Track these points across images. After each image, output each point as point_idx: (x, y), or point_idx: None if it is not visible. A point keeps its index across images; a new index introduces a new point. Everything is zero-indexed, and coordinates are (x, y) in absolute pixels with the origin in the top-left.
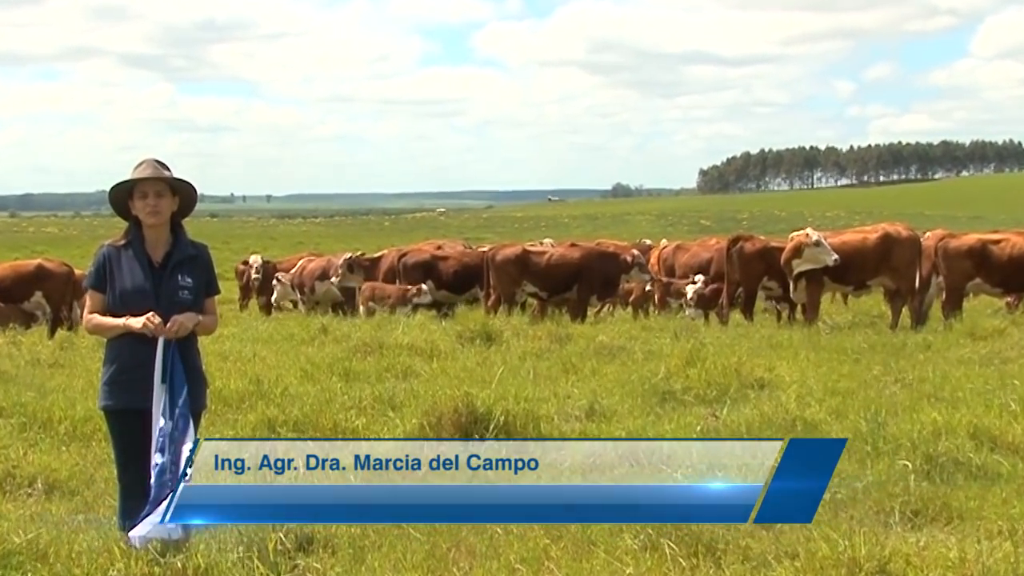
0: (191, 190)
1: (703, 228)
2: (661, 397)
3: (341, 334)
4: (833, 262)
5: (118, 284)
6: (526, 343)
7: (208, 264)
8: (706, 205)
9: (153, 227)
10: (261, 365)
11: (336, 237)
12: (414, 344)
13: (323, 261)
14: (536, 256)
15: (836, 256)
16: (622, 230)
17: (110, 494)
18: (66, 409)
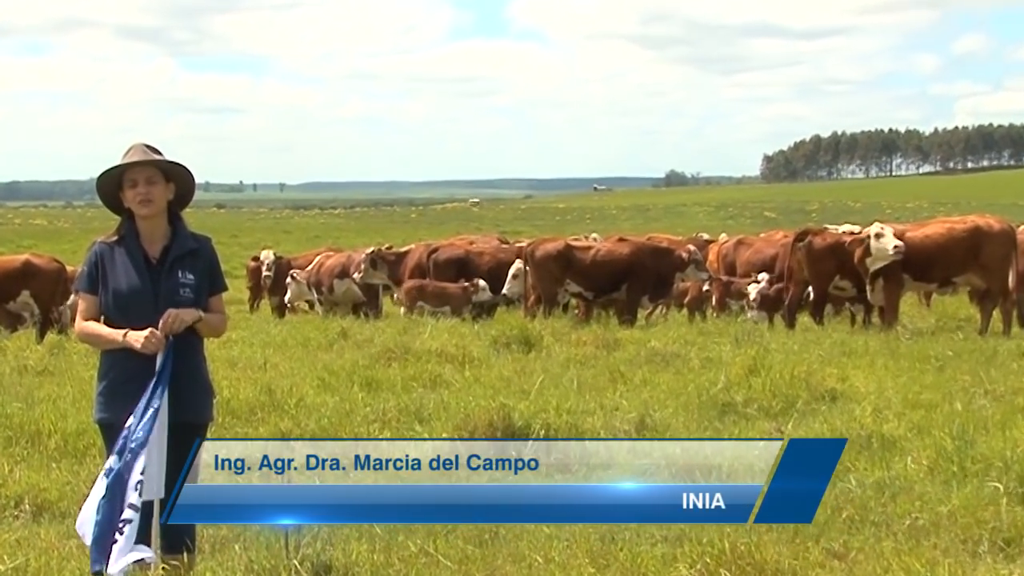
0: (187, 175)
1: (767, 221)
2: (720, 410)
3: (362, 339)
4: (894, 251)
5: (112, 285)
6: (569, 349)
7: (212, 258)
8: (771, 195)
9: (147, 219)
10: (274, 373)
11: (357, 230)
12: (444, 350)
13: (342, 257)
14: (580, 252)
15: (899, 244)
16: (676, 223)
17: None
18: (56, 422)
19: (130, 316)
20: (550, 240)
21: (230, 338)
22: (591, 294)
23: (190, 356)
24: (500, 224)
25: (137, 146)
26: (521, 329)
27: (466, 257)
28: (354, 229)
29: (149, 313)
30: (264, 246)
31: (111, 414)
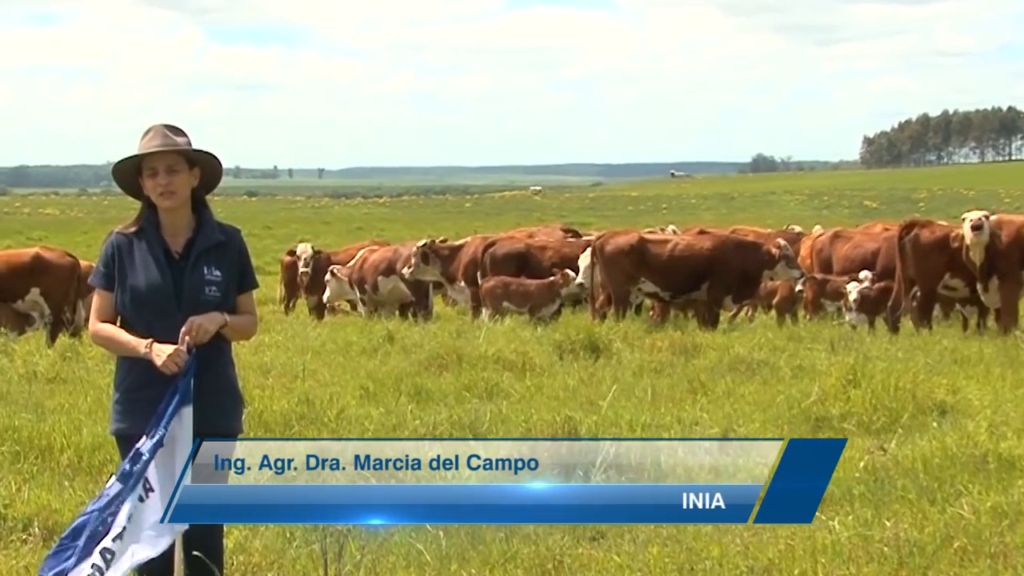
0: (213, 161)
1: (868, 211)
2: (814, 425)
3: (411, 343)
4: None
5: (129, 281)
6: (642, 355)
7: (241, 252)
8: (872, 182)
9: (170, 211)
10: (312, 381)
11: (405, 222)
12: (501, 356)
13: (388, 251)
14: (656, 246)
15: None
16: (765, 213)
17: None
18: (69, 435)
19: (149, 316)
20: (622, 233)
21: (262, 342)
22: (667, 294)
23: (216, 361)
24: (565, 214)
25: (157, 128)
26: (588, 333)
27: (526, 252)
28: (401, 220)
29: (170, 313)
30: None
31: (129, 424)
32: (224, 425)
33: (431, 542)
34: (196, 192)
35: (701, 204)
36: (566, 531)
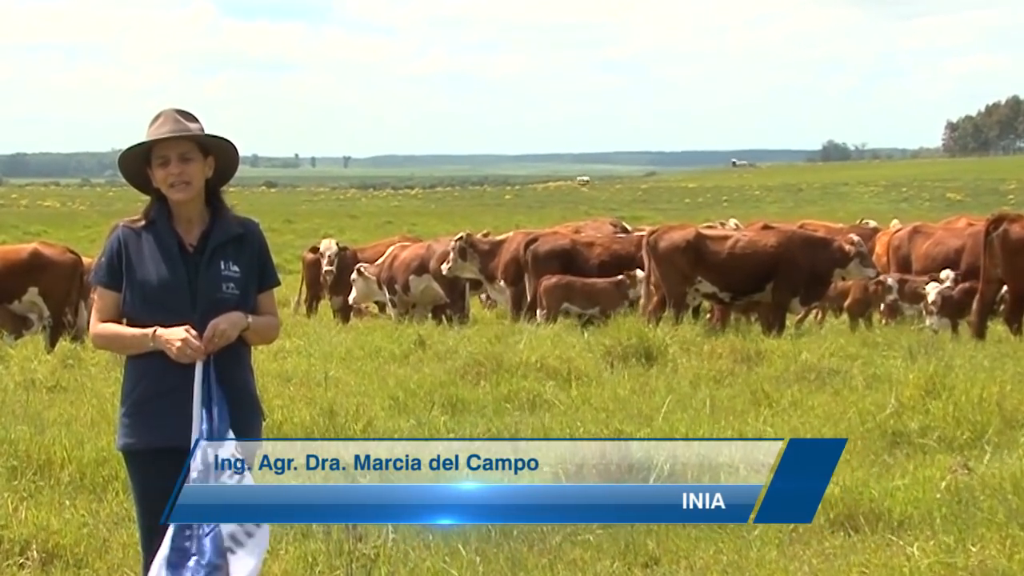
0: (229, 149)
1: (951, 204)
2: (890, 440)
3: (445, 349)
4: None
5: (138, 278)
6: (700, 363)
7: (261, 246)
8: (956, 171)
9: (183, 203)
10: (336, 390)
11: (438, 215)
12: (545, 363)
13: (420, 248)
14: (715, 242)
15: None
16: (836, 207)
17: (130, 566)
18: (71, 449)
19: (161, 317)
20: (678, 228)
21: (282, 347)
22: (728, 295)
23: (234, 367)
24: (615, 208)
25: (168, 113)
26: (640, 338)
27: (572, 249)
28: (435, 213)
29: (184, 312)
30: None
31: (138, 439)
32: (248, 436)
33: (467, 569)
34: (210, 183)
35: (765, 196)
36: (616, 556)
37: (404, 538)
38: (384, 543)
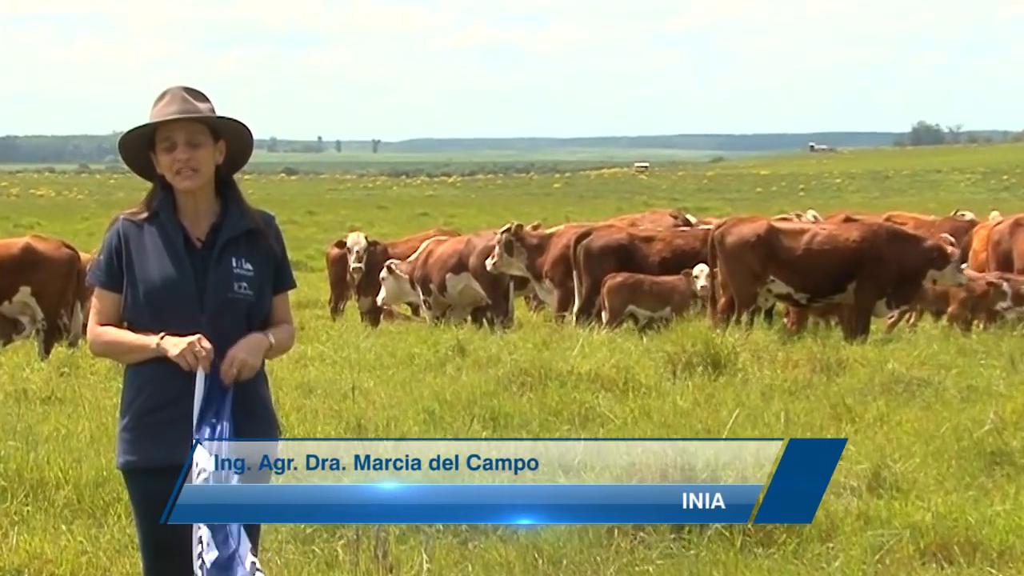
0: (242, 132)
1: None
2: (988, 460)
3: (486, 356)
4: None
5: (140, 276)
6: (774, 372)
7: (277, 242)
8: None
9: (190, 192)
10: (364, 403)
11: (479, 205)
12: (599, 372)
13: (459, 243)
14: (790, 237)
15: None
16: (927, 196)
17: None
18: (68, 468)
19: (166, 319)
20: (748, 220)
21: (303, 354)
22: (804, 296)
23: (248, 381)
24: (677, 197)
25: (175, 92)
26: (707, 344)
27: (629, 244)
28: (474, 204)
29: (191, 315)
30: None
31: (139, 455)
32: None
33: None
34: (221, 170)
35: (847, 184)
36: None
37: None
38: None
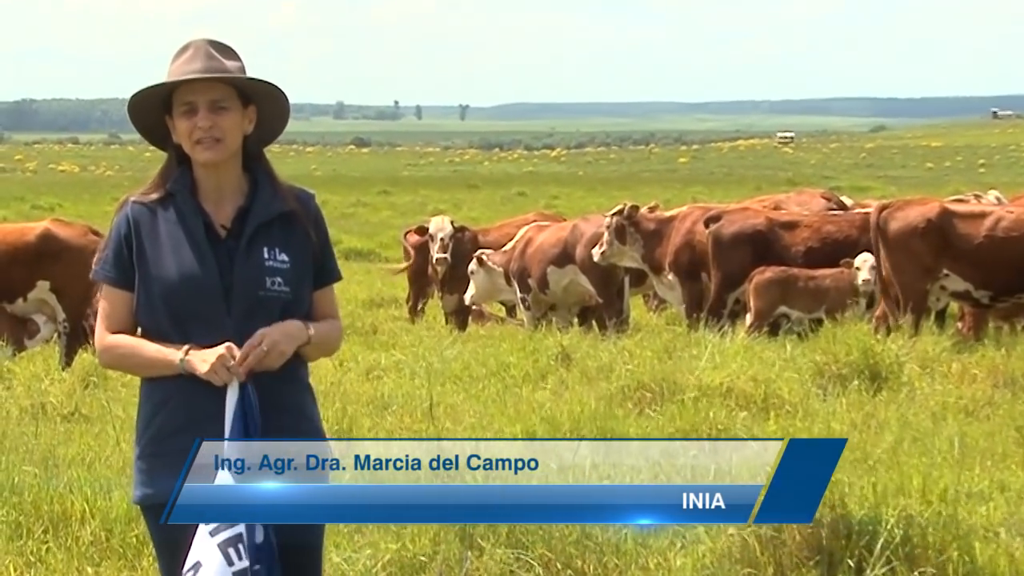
0: (276, 96)
1: None
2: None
3: (597, 366)
4: None
5: (154, 273)
6: (946, 387)
7: (318, 228)
8: None
9: (212, 166)
10: (450, 422)
11: (587, 184)
12: (733, 387)
13: (562, 230)
14: (969, 223)
15: None
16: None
17: None
18: (94, 498)
19: (186, 323)
20: (916, 203)
21: (376, 364)
22: (986, 294)
23: (286, 388)
24: (830, 175)
25: (198, 45)
26: (864, 352)
27: (768, 231)
28: (582, 183)
29: (215, 318)
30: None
31: (158, 488)
32: None
33: None
34: (250, 142)
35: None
36: None
37: None
38: None
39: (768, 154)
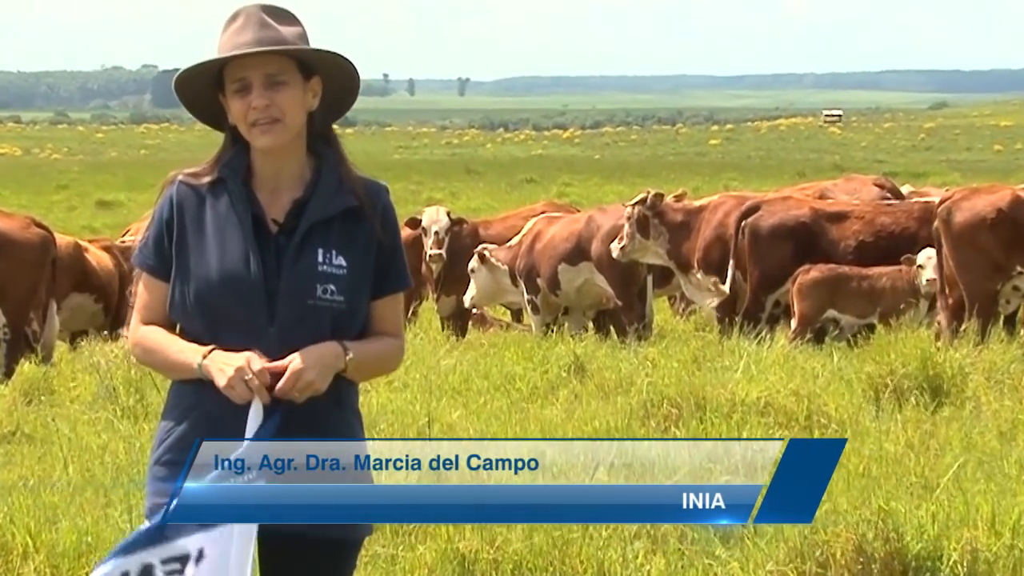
0: (344, 65)
1: None
2: None
3: (615, 378)
4: None
5: (193, 267)
6: (1015, 403)
7: (388, 227)
8: None
9: (270, 151)
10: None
11: (606, 170)
12: (772, 401)
13: (576, 223)
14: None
15: None
16: None
17: None
18: (38, 530)
19: (221, 329)
20: (984, 191)
21: None
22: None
23: (329, 411)
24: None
25: (249, 12)
26: (923, 363)
27: (813, 223)
28: (599, 167)
29: (256, 325)
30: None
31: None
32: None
33: None
34: (315, 120)
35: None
36: None
37: None
38: None
39: (812, 135)
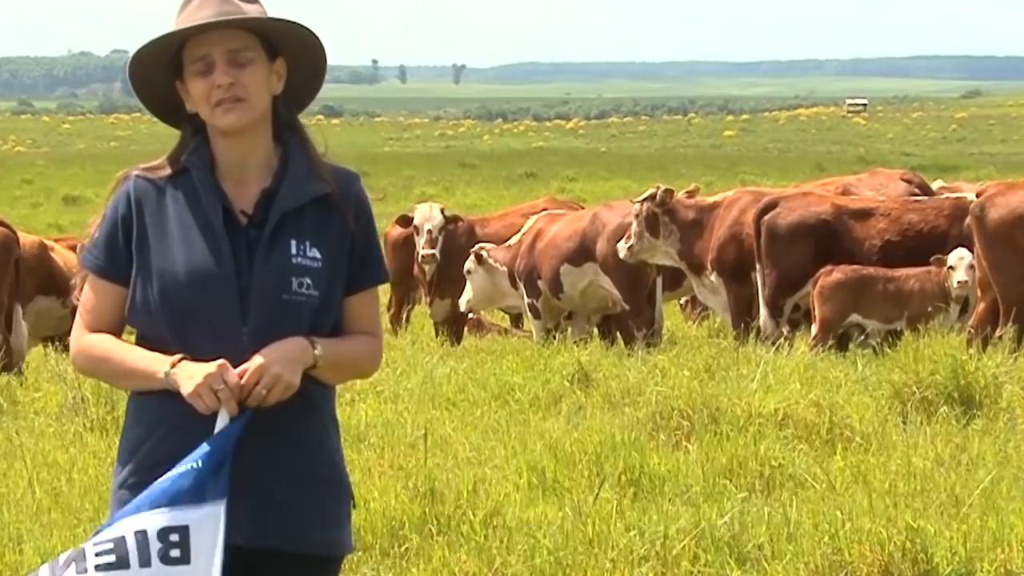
0: (311, 42)
1: None
2: None
3: (622, 388)
4: None
5: (155, 265)
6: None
7: (360, 216)
8: None
9: (235, 135)
10: (441, 457)
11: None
12: (791, 413)
13: (580, 220)
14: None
15: None
16: None
17: None
18: (1, 551)
19: (189, 330)
20: (1020, 186)
21: (349, 384)
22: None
23: (302, 421)
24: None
25: None
26: (954, 371)
27: (835, 220)
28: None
29: (227, 324)
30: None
31: None
32: (320, 538)
33: None
34: (280, 104)
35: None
36: None
37: None
38: None
39: (834, 126)
